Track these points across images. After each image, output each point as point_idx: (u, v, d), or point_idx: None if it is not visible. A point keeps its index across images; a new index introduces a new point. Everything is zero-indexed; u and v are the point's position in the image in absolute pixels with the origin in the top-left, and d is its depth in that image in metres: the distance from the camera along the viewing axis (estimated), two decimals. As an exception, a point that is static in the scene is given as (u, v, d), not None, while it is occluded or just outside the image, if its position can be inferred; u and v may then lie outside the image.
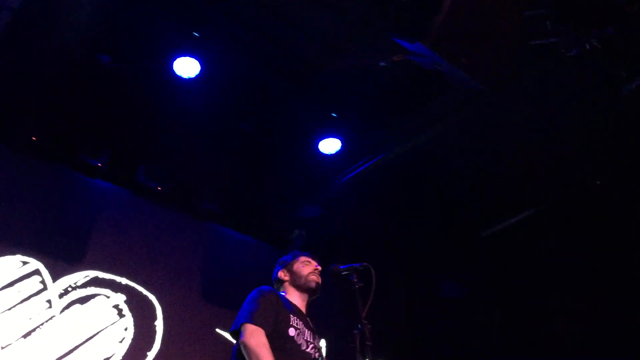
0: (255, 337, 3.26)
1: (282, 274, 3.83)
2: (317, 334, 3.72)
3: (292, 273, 3.78)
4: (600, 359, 6.20)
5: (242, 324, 3.35)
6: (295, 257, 3.86)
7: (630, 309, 6.20)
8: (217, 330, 5.83)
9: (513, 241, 6.77)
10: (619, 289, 6.25)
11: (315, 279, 3.72)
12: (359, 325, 3.15)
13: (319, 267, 3.78)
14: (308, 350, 3.51)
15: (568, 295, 6.62)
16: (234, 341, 3.47)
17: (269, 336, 3.30)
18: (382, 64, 4.81)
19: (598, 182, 5.73)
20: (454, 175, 6.24)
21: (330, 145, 5.94)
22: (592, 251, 6.40)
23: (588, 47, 4.31)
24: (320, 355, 3.61)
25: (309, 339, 3.55)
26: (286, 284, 3.79)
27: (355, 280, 3.39)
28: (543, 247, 6.70)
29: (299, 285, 3.73)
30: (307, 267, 3.76)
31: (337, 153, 5.98)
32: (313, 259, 3.84)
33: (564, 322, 6.64)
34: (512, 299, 7.08)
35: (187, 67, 5.15)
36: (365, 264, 3.41)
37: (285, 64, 5.29)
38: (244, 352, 3.29)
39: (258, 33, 5.03)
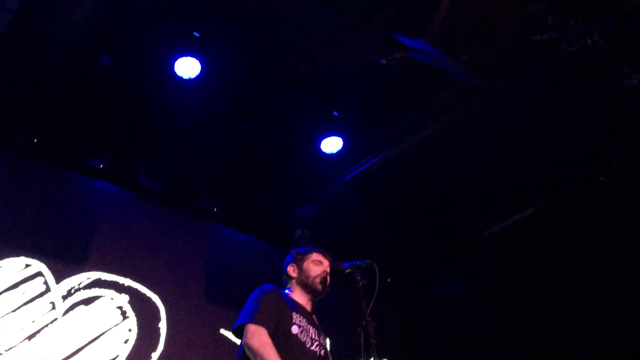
0: (257, 337, 3.24)
1: (291, 270, 3.78)
2: (323, 331, 3.70)
3: (301, 271, 3.73)
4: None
5: (243, 324, 3.33)
6: (307, 253, 3.80)
7: (632, 309, 6.17)
8: (221, 330, 5.83)
9: (514, 239, 6.74)
10: (620, 287, 6.23)
11: (322, 282, 3.67)
12: (363, 323, 3.13)
13: (328, 270, 3.71)
14: (312, 348, 3.49)
15: (569, 294, 6.61)
16: (238, 341, 3.46)
17: (271, 335, 3.29)
18: (383, 61, 4.80)
19: (601, 178, 5.70)
20: (455, 173, 6.22)
21: (332, 144, 5.92)
22: (593, 250, 6.38)
23: (589, 42, 4.29)
24: (326, 352, 3.59)
25: (313, 337, 3.53)
26: (293, 281, 3.75)
27: (359, 278, 3.37)
28: (545, 246, 6.67)
29: (306, 285, 3.69)
30: (317, 268, 3.70)
31: (339, 152, 5.96)
32: (325, 257, 3.77)
33: (564, 321, 6.62)
34: (512, 298, 7.06)
35: (187, 67, 5.14)
36: (368, 261, 3.39)
37: (285, 63, 5.27)
38: (247, 353, 3.28)
39: (257, 32, 5.02)
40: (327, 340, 3.71)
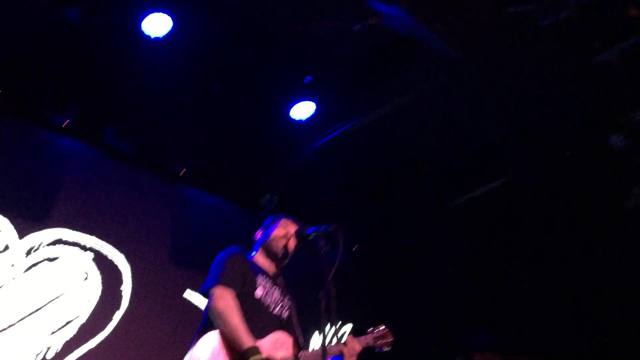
0: (223, 300, 3.25)
1: (258, 233, 3.81)
2: (289, 292, 3.71)
3: (265, 234, 3.74)
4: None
5: (211, 287, 3.33)
6: (276, 219, 3.79)
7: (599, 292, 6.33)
8: (187, 291, 5.82)
9: (479, 213, 6.81)
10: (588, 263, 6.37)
11: (279, 245, 3.65)
12: (325, 288, 3.15)
13: (292, 233, 3.67)
14: (275, 311, 3.52)
15: (531, 270, 6.75)
16: (203, 303, 3.45)
17: (237, 296, 3.30)
18: (357, 27, 4.74)
19: (567, 153, 5.77)
20: (425, 143, 6.24)
21: (304, 110, 5.88)
22: (558, 225, 6.49)
23: (563, 16, 4.30)
24: (290, 314, 3.61)
25: (277, 299, 3.56)
26: (259, 244, 3.77)
27: (322, 243, 3.36)
28: (509, 221, 6.76)
29: (267, 248, 3.70)
30: (281, 231, 3.69)
31: (311, 117, 5.93)
32: (293, 223, 3.74)
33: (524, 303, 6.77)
34: (471, 267, 7.20)
35: (157, 24, 5.02)
36: (333, 226, 3.37)
37: (260, 25, 5.19)
38: (211, 315, 3.29)
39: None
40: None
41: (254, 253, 3.77)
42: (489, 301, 6.96)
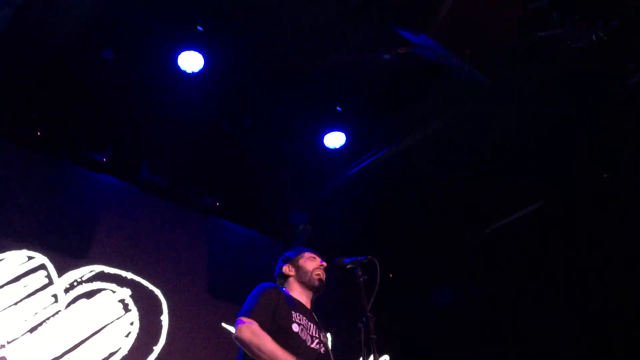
0: (247, 329, 3.24)
1: (286, 269, 3.78)
2: (323, 328, 3.70)
3: (297, 269, 3.75)
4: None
5: (237, 318, 3.34)
6: (299, 253, 3.82)
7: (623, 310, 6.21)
8: (223, 324, 5.84)
9: (514, 238, 6.73)
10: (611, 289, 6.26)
11: (320, 275, 3.70)
12: (364, 319, 3.13)
13: (324, 264, 3.76)
14: (313, 345, 3.48)
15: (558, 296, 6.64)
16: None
17: (267, 331, 3.28)
18: (386, 56, 4.77)
19: (605, 175, 5.67)
20: (456, 169, 6.20)
21: (335, 139, 5.92)
22: (595, 249, 6.39)
23: (594, 38, 4.27)
24: (327, 349, 3.60)
25: (314, 334, 3.53)
26: (291, 279, 3.76)
27: (360, 273, 3.37)
28: (544, 245, 6.66)
29: (304, 281, 3.71)
30: (312, 263, 3.73)
31: (342, 147, 5.95)
32: (317, 255, 3.82)
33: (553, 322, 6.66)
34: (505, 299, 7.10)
35: (191, 61, 5.13)
36: (369, 256, 3.39)
37: (289, 57, 5.26)
38: (240, 346, 3.29)
39: (261, 25, 5.00)
40: (329, 336, 3.73)
41: (286, 288, 3.76)
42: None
